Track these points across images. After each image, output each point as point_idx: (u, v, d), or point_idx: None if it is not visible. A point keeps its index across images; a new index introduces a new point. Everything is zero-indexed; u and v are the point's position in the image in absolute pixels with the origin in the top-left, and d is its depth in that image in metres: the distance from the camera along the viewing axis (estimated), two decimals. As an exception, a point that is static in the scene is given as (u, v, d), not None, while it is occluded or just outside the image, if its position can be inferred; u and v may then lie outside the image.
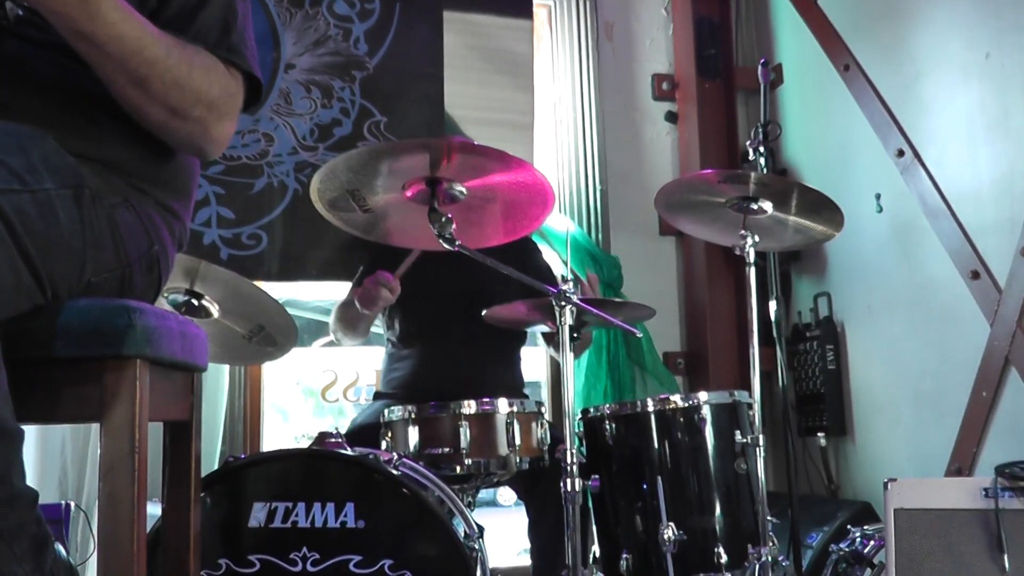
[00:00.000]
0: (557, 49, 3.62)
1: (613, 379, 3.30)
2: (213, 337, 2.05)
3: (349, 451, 1.81)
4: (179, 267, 2.01)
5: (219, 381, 3.00)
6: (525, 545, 2.36)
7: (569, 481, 1.79)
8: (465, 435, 2.01)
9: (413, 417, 2.06)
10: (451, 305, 2.56)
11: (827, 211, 2.15)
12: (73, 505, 2.51)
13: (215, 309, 2.16)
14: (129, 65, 1.13)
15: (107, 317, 1.09)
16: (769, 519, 2.03)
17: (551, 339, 2.56)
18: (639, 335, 2.90)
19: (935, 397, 2.86)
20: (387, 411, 2.14)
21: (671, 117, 3.78)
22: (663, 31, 3.84)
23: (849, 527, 2.34)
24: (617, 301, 2.99)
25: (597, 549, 2.15)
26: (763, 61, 2.81)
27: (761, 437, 2.05)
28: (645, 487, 2.03)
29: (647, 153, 3.74)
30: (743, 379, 3.35)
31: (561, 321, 1.87)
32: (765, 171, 2.66)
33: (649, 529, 2.01)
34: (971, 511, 1.90)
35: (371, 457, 1.79)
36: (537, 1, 3.55)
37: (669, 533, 1.97)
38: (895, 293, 3.03)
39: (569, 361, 1.87)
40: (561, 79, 3.60)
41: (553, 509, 1.91)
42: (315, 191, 1.82)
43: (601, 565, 2.12)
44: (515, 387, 2.61)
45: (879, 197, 3.08)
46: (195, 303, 2.13)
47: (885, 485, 1.97)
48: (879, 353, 3.12)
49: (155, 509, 1.31)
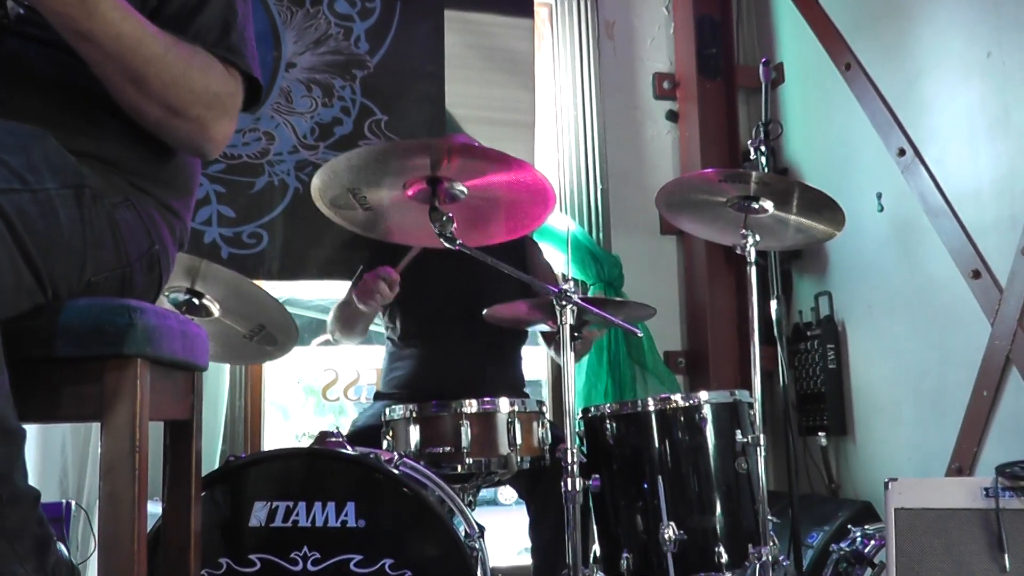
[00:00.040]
0: (558, 48, 3.61)
1: (614, 378, 3.30)
2: (214, 336, 2.05)
3: (350, 450, 1.81)
4: (180, 266, 2.01)
5: (220, 380, 3.00)
6: (526, 544, 2.36)
7: (570, 480, 1.79)
8: (466, 434, 2.00)
9: (414, 416, 2.06)
10: (452, 304, 2.56)
11: (828, 210, 2.15)
12: (74, 504, 2.51)
13: (216, 308, 2.16)
14: (127, 63, 1.13)
15: (108, 316, 1.09)
16: (770, 519, 2.03)
17: (551, 340, 2.56)
18: (640, 334, 2.88)
19: (936, 396, 2.86)
20: (388, 410, 2.14)
21: (672, 116, 3.77)
22: (664, 30, 3.83)
23: (850, 527, 2.35)
24: (618, 300, 2.99)
25: (598, 548, 2.15)
26: (764, 60, 2.82)
27: (762, 436, 2.05)
28: (646, 486, 2.03)
29: (648, 152, 3.73)
30: (744, 378, 3.35)
31: (562, 320, 1.87)
32: (766, 170, 2.67)
33: (650, 528, 2.01)
34: (972, 511, 1.91)
35: (372, 456, 1.79)
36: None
37: (670, 532, 1.97)
38: (896, 292, 3.03)
39: (570, 361, 1.87)
40: (562, 78, 3.59)
41: (554, 508, 1.91)
42: (316, 190, 1.83)
43: (602, 564, 2.12)
44: (516, 386, 2.60)
45: (880, 196, 3.08)
46: (196, 302, 2.13)
47: (886, 485, 1.98)
48: (880, 352, 3.12)
49: (156, 508, 1.31)
